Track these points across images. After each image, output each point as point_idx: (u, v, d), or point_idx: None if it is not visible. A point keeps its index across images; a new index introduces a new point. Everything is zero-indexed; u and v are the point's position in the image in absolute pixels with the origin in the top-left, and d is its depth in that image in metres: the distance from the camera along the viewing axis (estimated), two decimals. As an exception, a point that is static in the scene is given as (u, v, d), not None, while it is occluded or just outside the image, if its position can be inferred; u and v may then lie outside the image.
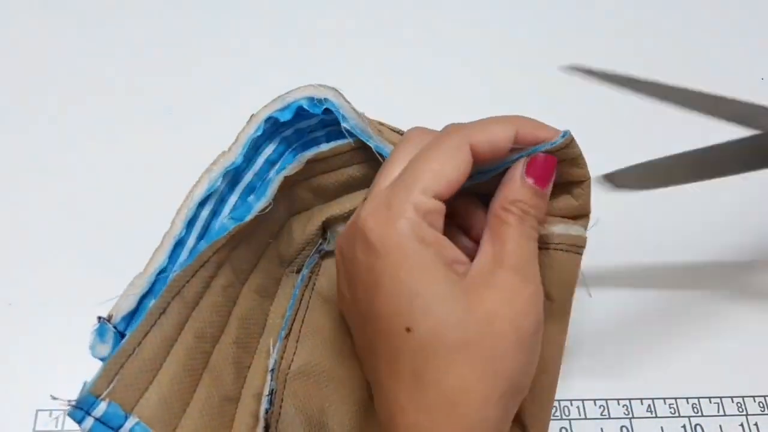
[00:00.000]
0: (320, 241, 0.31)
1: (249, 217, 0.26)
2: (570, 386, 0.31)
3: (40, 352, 0.31)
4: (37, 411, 0.30)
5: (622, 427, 0.30)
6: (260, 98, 0.33)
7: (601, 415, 0.30)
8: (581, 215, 0.27)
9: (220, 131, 0.36)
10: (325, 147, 0.29)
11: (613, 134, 0.39)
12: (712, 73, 0.43)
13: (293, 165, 0.28)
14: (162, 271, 0.24)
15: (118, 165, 0.36)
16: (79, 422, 0.21)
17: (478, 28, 0.44)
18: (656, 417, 0.31)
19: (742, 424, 0.31)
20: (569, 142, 0.23)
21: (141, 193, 0.35)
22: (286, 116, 0.27)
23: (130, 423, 0.22)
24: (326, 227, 0.31)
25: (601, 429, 0.30)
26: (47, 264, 0.33)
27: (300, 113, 0.27)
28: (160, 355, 0.23)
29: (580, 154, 0.25)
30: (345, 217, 0.31)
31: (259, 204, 0.27)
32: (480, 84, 0.41)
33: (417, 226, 0.21)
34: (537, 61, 0.42)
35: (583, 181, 0.26)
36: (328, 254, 0.32)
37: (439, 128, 0.25)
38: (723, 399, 0.31)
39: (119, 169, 0.36)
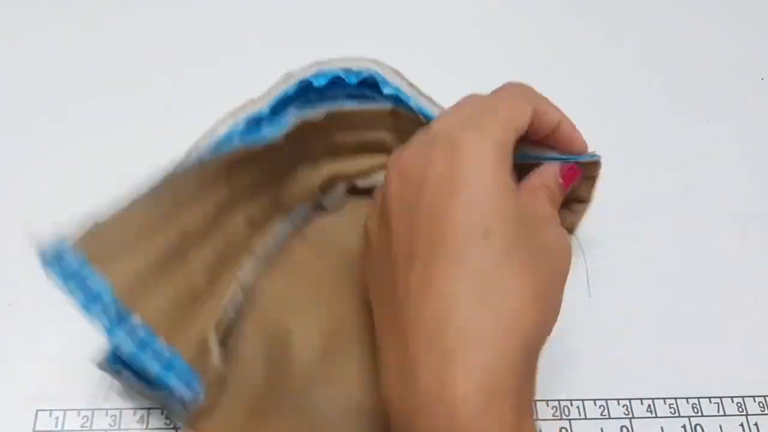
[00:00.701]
0: (320, 195, 0.31)
1: (258, 143, 0.26)
2: (570, 386, 0.31)
3: (40, 352, 0.31)
4: (37, 411, 0.29)
5: (622, 427, 0.30)
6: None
7: (601, 415, 0.30)
8: (569, 230, 0.30)
9: (220, 131, 0.36)
10: (348, 104, 0.29)
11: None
12: (713, 73, 0.43)
13: (314, 112, 0.28)
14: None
15: (118, 165, 0.36)
16: (48, 264, 0.21)
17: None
18: (656, 417, 0.31)
19: (742, 424, 0.31)
20: (598, 164, 0.27)
21: (141, 193, 0.35)
22: (320, 82, 0.28)
23: (97, 280, 0.22)
24: (329, 183, 0.31)
25: (601, 429, 0.30)
26: (47, 264, 0.33)
27: (335, 82, 0.28)
28: (143, 236, 0.24)
29: (597, 177, 0.28)
30: (354, 176, 0.31)
31: (270, 134, 0.27)
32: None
33: (502, 150, 0.22)
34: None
35: (585, 201, 0.29)
36: (323, 209, 0.32)
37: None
38: (723, 399, 0.31)
39: (119, 168, 0.36)
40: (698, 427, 0.31)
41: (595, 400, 0.31)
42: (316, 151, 0.31)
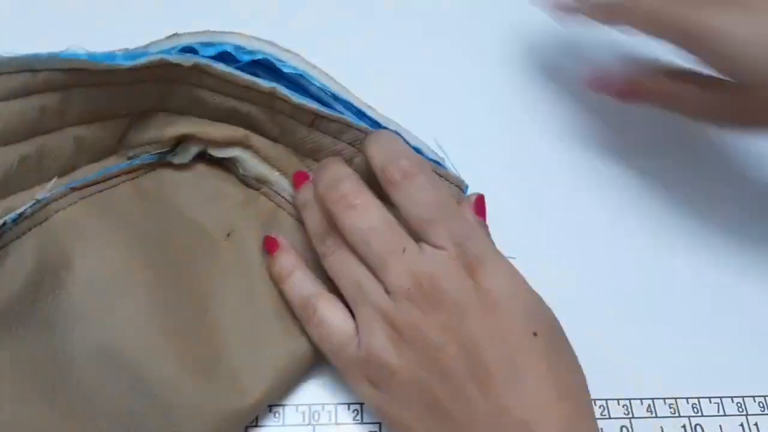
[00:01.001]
0: (169, 150, 0.30)
1: (101, 64, 0.24)
2: (570, 386, 0.31)
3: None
4: (36, 412, 0.29)
5: (622, 427, 0.30)
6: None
7: (601, 415, 0.30)
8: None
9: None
10: (222, 68, 0.27)
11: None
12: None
13: (181, 58, 0.26)
14: None
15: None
16: None
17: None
18: (656, 417, 0.31)
19: (742, 424, 0.31)
20: None
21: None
22: (207, 52, 0.26)
23: None
24: (182, 141, 0.30)
25: (601, 429, 0.30)
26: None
27: (223, 57, 0.26)
28: None
29: None
30: (210, 142, 0.30)
31: (121, 62, 0.25)
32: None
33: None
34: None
35: None
36: (169, 165, 0.31)
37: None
38: (723, 399, 0.31)
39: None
40: (698, 427, 0.31)
41: (595, 400, 0.31)
42: (178, 104, 0.29)
